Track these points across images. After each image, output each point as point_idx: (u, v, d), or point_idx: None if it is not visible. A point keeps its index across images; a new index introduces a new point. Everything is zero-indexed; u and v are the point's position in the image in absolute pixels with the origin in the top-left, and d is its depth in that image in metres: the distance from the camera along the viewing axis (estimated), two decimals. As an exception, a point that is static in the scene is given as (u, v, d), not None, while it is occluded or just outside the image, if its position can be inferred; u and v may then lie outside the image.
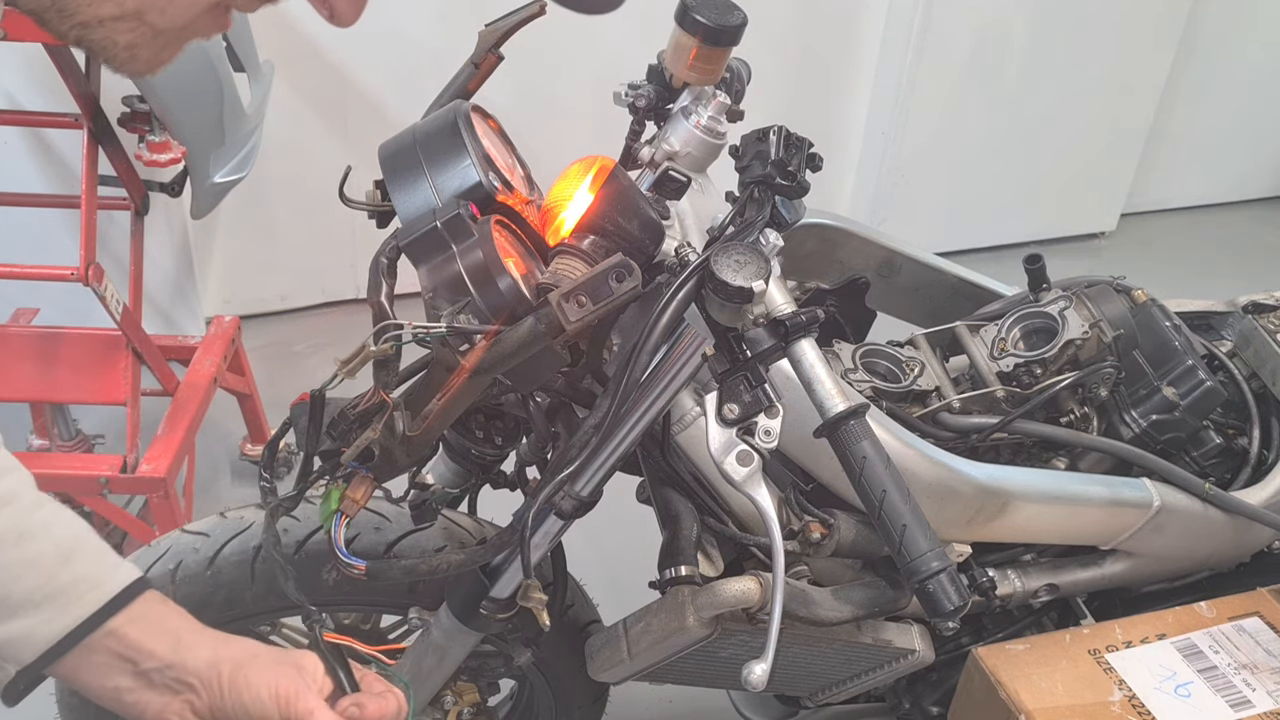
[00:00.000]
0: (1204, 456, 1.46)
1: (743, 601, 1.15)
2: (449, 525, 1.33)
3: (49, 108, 2.18)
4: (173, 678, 0.83)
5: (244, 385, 2.39)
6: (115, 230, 2.44)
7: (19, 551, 0.80)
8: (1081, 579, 1.46)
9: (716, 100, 1.20)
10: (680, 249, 1.10)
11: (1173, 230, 4.00)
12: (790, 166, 1.09)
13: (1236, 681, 1.33)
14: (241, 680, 0.82)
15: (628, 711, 1.97)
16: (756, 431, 1.01)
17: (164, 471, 1.95)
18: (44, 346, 2.12)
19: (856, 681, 1.39)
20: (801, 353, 1.02)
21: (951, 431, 1.39)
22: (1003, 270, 1.65)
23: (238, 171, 2.08)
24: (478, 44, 1.19)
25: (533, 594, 1.03)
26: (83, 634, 0.81)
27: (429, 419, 0.98)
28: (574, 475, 1.06)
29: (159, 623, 0.84)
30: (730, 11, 1.16)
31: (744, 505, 1.19)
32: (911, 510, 0.98)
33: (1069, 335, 1.41)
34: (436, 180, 1.02)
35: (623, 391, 1.00)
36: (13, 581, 0.79)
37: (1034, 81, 3.39)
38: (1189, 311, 1.63)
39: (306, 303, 3.10)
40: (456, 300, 0.95)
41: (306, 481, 1.01)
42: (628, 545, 1.73)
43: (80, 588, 0.82)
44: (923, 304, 1.64)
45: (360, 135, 2.85)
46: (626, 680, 1.29)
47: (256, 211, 2.86)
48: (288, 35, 2.66)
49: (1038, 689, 1.29)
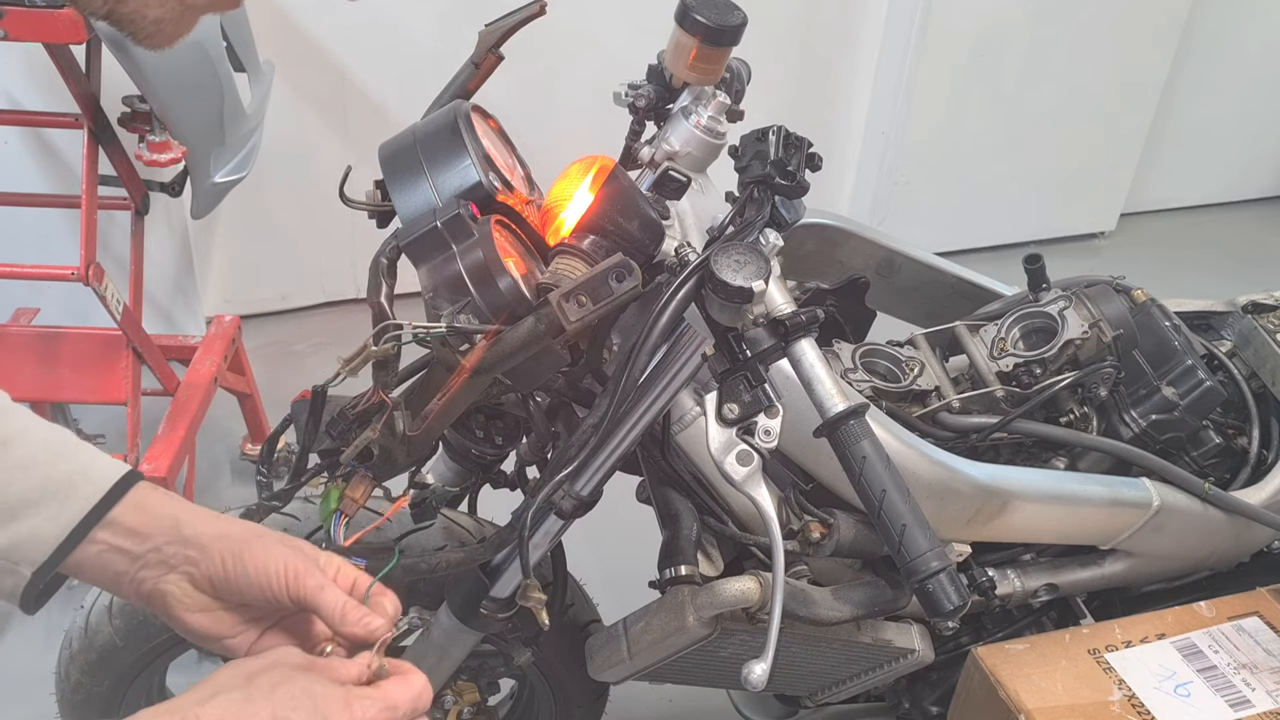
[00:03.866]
0: (1203, 456, 1.46)
1: (743, 601, 1.15)
2: (449, 524, 1.33)
3: (49, 108, 2.18)
4: (171, 553, 0.82)
5: (244, 385, 2.39)
6: (115, 230, 2.44)
7: (7, 456, 0.80)
8: (1081, 579, 1.46)
9: (716, 100, 1.20)
10: (680, 249, 1.10)
11: (1173, 230, 3.99)
12: (790, 166, 1.09)
13: (1236, 681, 1.33)
14: (248, 553, 0.81)
15: (628, 711, 1.97)
16: (756, 431, 1.01)
17: (164, 471, 1.95)
18: (44, 346, 2.12)
19: (856, 681, 1.39)
20: (801, 352, 1.02)
21: (951, 431, 1.39)
22: (1003, 270, 1.65)
23: (238, 171, 2.08)
24: (478, 44, 1.19)
25: (532, 594, 1.03)
26: (88, 526, 0.81)
27: (429, 419, 0.98)
28: (574, 475, 1.06)
29: (155, 508, 0.85)
30: (730, 11, 1.16)
31: (744, 505, 1.19)
32: (911, 510, 0.98)
33: (1069, 335, 1.41)
34: (437, 180, 1.02)
35: (622, 391, 1.00)
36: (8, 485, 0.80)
37: (1034, 81, 3.39)
38: (1189, 311, 1.63)
39: (306, 302, 3.10)
40: (456, 300, 0.95)
41: (300, 478, 1.02)
42: (628, 545, 1.73)
43: (76, 481, 0.82)
44: (922, 304, 1.64)
45: (360, 135, 2.85)
46: (626, 680, 1.29)
47: (256, 211, 2.86)
48: (288, 35, 2.66)
49: (1037, 689, 1.30)
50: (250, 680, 0.74)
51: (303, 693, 0.75)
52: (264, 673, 0.75)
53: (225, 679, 0.75)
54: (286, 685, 0.75)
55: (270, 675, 0.75)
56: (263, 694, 0.74)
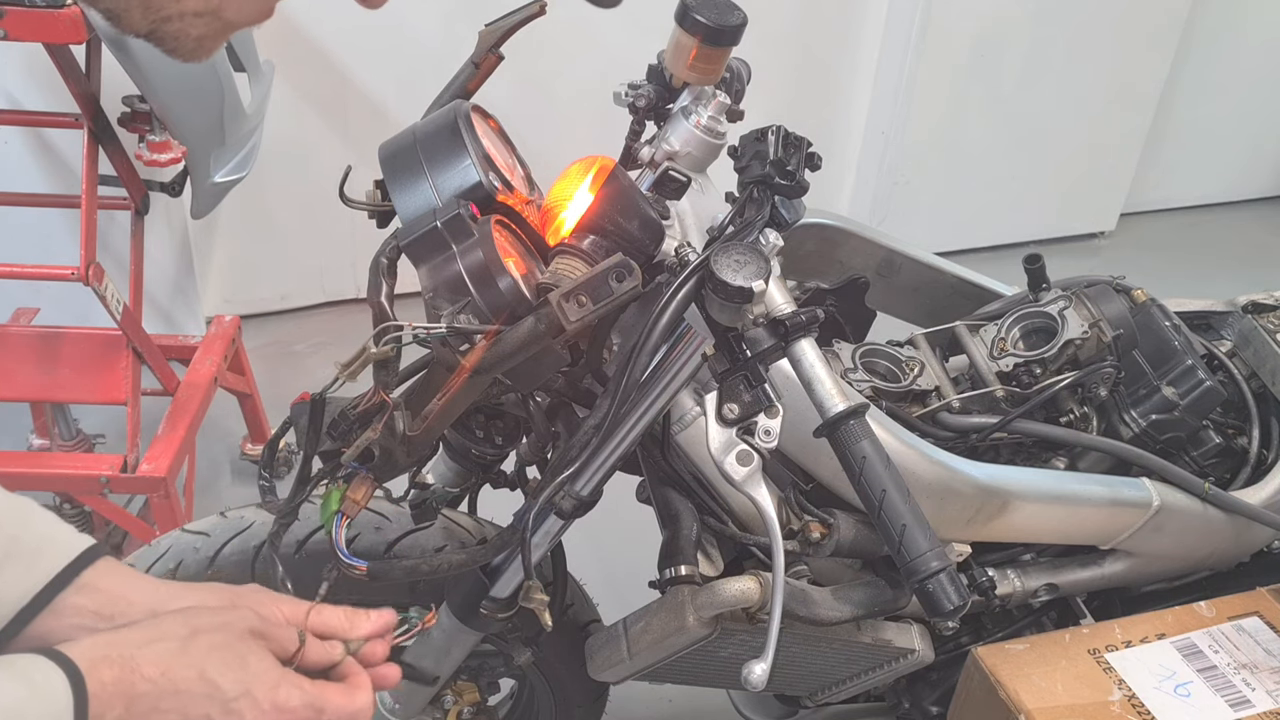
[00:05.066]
0: (1203, 456, 1.46)
1: (743, 601, 1.15)
2: (449, 525, 1.33)
3: (49, 107, 2.18)
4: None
5: (244, 385, 2.39)
6: (115, 230, 2.44)
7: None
8: (1081, 579, 1.46)
9: (716, 100, 1.20)
10: (680, 249, 1.10)
11: (1173, 230, 4.00)
12: (789, 166, 1.09)
13: (1236, 681, 1.33)
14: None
15: (628, 711, 1.97)
16: (756, 431, 1.01)
17: (164, 471, 1.95)
18: (44, 346, 2.12)
19: (856, 681, 1.39)
20: (801, 352, 1.02)
21: (951, 431, 1.39)
22: (1003, 270, 1.65)
23: (238, 171, 2.08)
24: (478, 44, 1.19)
25: (534, 595, 1.03)
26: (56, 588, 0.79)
27: (429, 419, 0.98)
28: (574, 475, 1.06)
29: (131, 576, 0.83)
30: (730, 11, 1.16)
31: (744, 505, 1.19)
32: (911, 510, 0.98)
33: (1069, 335, 1.41)
34: (437, 180, 1.02)
35: (623, 391, 1.00)
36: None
37: (1034, 81, 3.39)
38: (1189, 311, 1.63)
39: (306, 302, 3.10)
40: (457, 300, 0.95)
41: (309, 486, 1.01)
42: (628, 545, 1.73)
43: (44, 546, 0.80)
44: (922, 304, 1.64)
45: (360, 135, 2.85)
46: (626, 680, 1.29)
47: (256, 211, 2.86)
48: (288, 35, 2.66)
49: (1037, 689, 1.30)
50: (194, 634, 0.75)
51: (238, 661, 0.75)
52: (208, 632, 0.76)
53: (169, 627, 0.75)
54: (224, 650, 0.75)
55: (213, 636, 0.76)
56: (200, 652, 0.74)
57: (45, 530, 0.82)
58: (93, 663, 0.70)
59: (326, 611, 0.85)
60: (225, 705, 0.74)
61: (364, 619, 0.86)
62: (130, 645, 0.72)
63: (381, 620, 0.87)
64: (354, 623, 0.85)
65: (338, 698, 0.79)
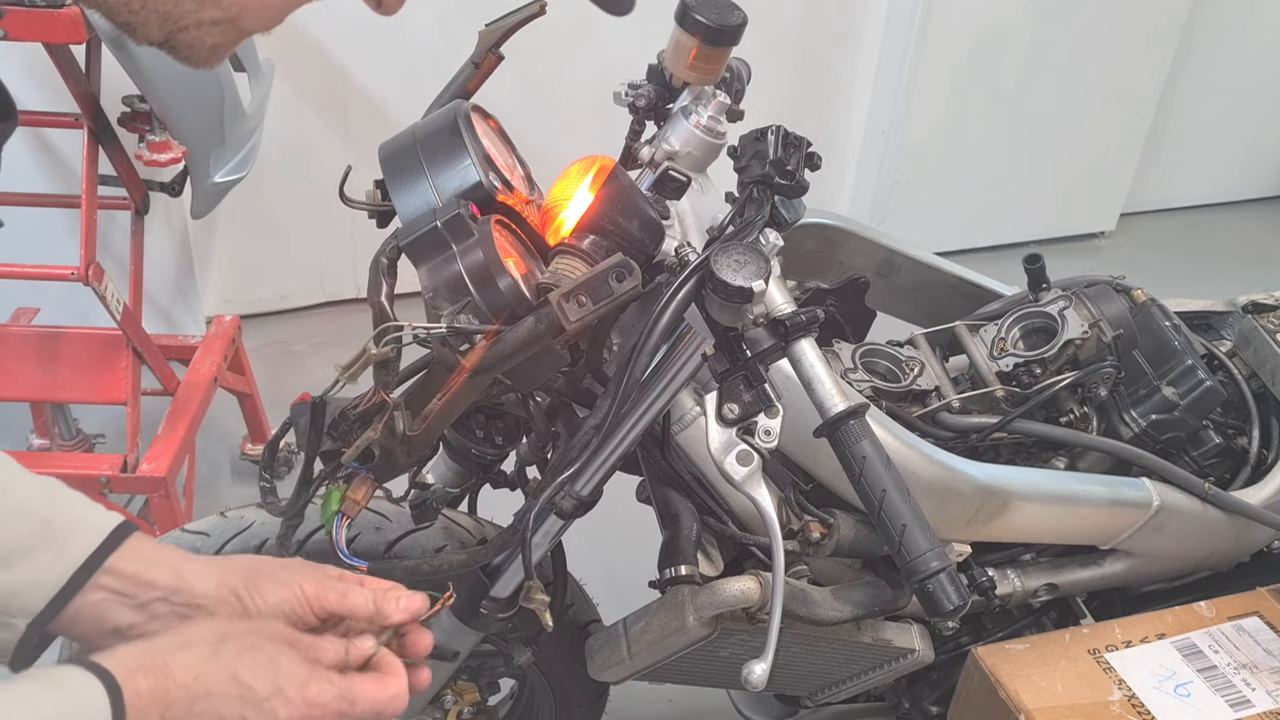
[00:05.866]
0: (1203, 456, 1.46)
1: (743, 601, 1.15)
2: (449, 525, 1.33)
3: (49, 108, 2.18)
4: (180, 602, 0.82)
5: (244, 385, 2.39)
6: (115, 230, 2.44)
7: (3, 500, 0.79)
8: (1081, 579, 1.46)
9: (716, 100, 1.20)
10: (680, 249, 1.10)
11: (1173, 230, 4.00)
12: (789, 165, 1.09)
13: (1236, 681, 1.33)
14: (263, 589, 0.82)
15: (628, 711, 1.97)
16: (756, 431, 1.01)
17: (164, 471, 1.96)
18: (44, 346, 2.12)
19: (856, 681, 1.39)
20: (801, 352, 1.02)
21: (951, 431, 1.39)
22: (1003, 270, 1.65)
23: (238, 171, 2.08)
24: (478, 44, 1.19)
25: (535, 595, 1.03)
26: (89, 571, 0.80)
27: (429, 419, 0.98)
28: (574, 475, 1.06)
29: (154, 556, 0.83)
30: (730, 11, 1.16)
31: (744, 505, 1.19)
32: (911, 510, 0.98)
33: (1069, 335, 1.41)
34: (437, 180, 1.02)
35: (623, 391, 1.00)
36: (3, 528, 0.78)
37: (1033, 81, 3.39)
38: (1189, 311, 1.63)
39: (306, 302, 3.10)
40: (457, 300, 0.95)
41: (312, 487, 1.01)
42: (628, 545, 1.73)
43: (75, 527, 0.81)
44: (922, 304, 1.64)
45: (360, 135, 2.85)
46: (626, 680, 1.29)
47: (256, 211, 2.86)
48: (288, 35, 2.66)
49: (1037, 689, 1.30)
50: (223, 640, 0.76)
51: (268, 662, 0.76)
52: (237, 636, 0.77)
53: (200, 633, 0.76)
54: (255, 652, 0.76)
55: (242, 640, 0.77)
56: (231, 655, 0.75)
57: (76, 511, 0.82)
58: (128, 672, 0.71)
59: (353, 594, 0.84)
60: (258, 705, 0.75)
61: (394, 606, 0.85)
62: (163, 652, 0.74)
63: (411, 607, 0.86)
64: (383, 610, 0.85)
65: (370, 689, 0.80)
